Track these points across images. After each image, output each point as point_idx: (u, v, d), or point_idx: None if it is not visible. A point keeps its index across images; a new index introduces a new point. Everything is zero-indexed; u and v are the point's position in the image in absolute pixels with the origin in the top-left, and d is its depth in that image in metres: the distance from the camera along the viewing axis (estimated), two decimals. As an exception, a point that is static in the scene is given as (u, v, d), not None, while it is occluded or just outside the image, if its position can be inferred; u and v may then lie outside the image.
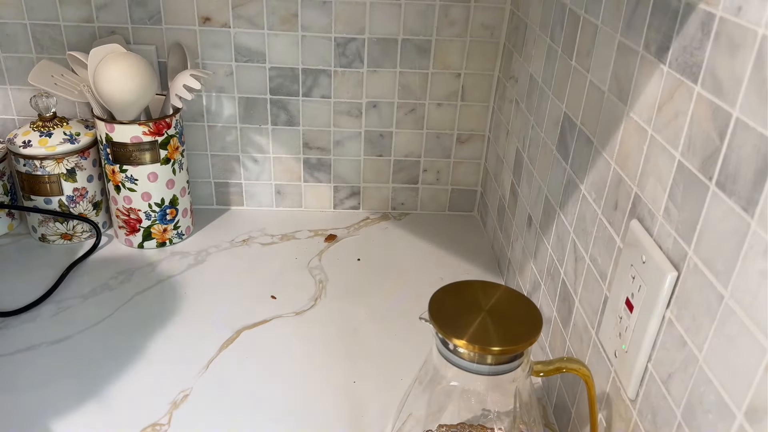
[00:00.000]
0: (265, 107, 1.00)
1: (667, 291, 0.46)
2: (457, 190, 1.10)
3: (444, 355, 0.50)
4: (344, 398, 0.71)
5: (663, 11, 0.48)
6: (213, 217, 1.06)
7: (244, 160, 1.05)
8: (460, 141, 1.05)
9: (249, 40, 0.95)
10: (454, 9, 0.95)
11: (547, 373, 0.52)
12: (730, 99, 0.40)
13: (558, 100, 0.71)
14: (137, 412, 0.68)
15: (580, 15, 0.65)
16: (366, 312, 0.85)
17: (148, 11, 0.93)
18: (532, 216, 0.81)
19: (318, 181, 1.07)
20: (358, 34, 0.95)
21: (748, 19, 0.38)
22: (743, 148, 0.38)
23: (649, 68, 0.50)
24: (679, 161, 0.46)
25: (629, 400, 0.52)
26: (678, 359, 0.45)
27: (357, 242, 1.01)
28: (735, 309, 0.39)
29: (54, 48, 0.95)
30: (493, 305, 0.51)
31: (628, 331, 0.52)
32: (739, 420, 0.38)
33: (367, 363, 0.77)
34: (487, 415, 0.53)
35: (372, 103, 1.01)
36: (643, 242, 0.50)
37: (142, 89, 0.85)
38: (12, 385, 0.71)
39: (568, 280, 0.67)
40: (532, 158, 0.81)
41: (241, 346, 0.78)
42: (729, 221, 0.39)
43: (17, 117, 1.01)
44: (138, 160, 0.88)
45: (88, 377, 0.72)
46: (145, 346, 0.77)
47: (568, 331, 0.67)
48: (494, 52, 0.98)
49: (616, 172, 0.56)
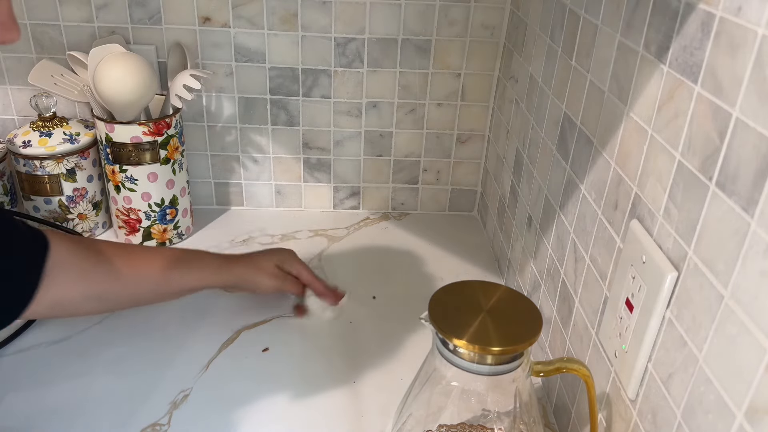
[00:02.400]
0: (265, 107, 1.00)
1: (667, 291, 0.46)
2: (457, 190, 1.10)
3: (444, 355, 0.50)
4: (344, 398, 0.71)
5: (663, 11, 0.48)
6: (213, 217, 1.06)
7: (244, 160, 1.05)
8: (460, 141, 1.05)
9: (249, 40, 0.95)
10: (454, 9, 0.95)
11: (547, 373, 0.52)
12: (730, 99, 0.40)
13: (558, 100, 0.71)
14: (137, 412, 0.68)
15: (580, 15, 0.65)
16: (366, 312, 0.85)
17: (148, 11, 0.93)
18: (532, 216, 0.81)
19: (318, 181, 1.07)
20: (358, 34, 0.95)
21: (748, 19, 0.38)
22: (743, 148, 0.38)
23: (649, 68, 0.50)
24: (679, 161, 0.46)
25: (629, 400, 0.52)
26: (678, 359, 0.45)
27: (357, 242, 1.01)
28: (735, 309, 0.39)
29: (54, 48, 0.95)
30: (493, 305, 0.51)
31: (628, 331, 0.52)
32: (739, 420, 0.38)
33: (367, 363, 0.77)
34: (487, 415, 0.53)
35: (372, 103, 1.01)
36: (643, 242, 0.50)
37: (142, 89, 0.85)
38: (12, 385, 0.71)
39: (568, 280, 0.67)
40: (532, 158, 0.81)
41: (241, 346, 0.78)
42: (729, 221, 0.39)
43: (17, 117, 1.01)
44: (138, 160, 0.88)
45: (88, 377, 0.72)
46: (145, 346, 0.77)
47: (568, 331, 0.67)
48: (494, 52, 0.98)
49: (616, 172, 0.56)
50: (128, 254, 0.72)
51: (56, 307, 0.66)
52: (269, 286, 0.79)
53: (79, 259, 0.67)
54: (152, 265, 0.72)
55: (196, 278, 0.74)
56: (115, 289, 0.70)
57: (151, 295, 0.74)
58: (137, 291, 0.72)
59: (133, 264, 0.71)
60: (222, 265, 0.77)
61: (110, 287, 0.69)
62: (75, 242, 0.69)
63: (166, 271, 0.72)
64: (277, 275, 0.79)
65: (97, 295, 0.69)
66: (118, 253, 0.71)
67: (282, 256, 0.82)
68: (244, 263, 0.79)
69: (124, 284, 0.70)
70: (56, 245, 0.65)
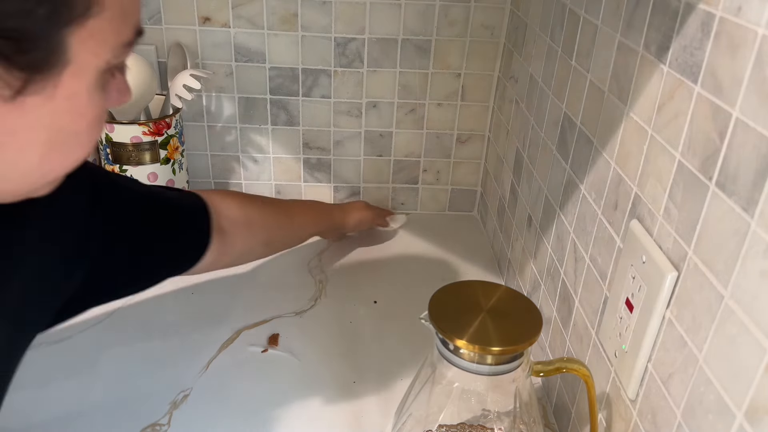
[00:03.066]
0: (265, 107, 1.00)
1: (667, 291, 0.46)
2: (457, 190, 1.10)
3: (444, 355, 0.50)
4: (344, 398, 0.71)
5: (663, 11, 0.48)
6: (213, 217, 1.06)
7: (244, 160, 1.05)
8: (460, 141, 1.05)
9: (249, 40, 0.95)
10: (454, 9, 0.95)
11: (547, 373, 0.52)
12: (730, 99, 0.40)
13: (558, 100, 0.71)
14: (137, 412, 0.68)
15: (580, 15, 0.65)
16: (366, 312, 0.85)
17: (148, 11, 0.93)
18: (532, 216, 0.81)
19: (318, 181, 1.07)
20: (358, 34, 0.95)
21: (748, 19, 0.38)
22: (743, 148, 0.38)
23: (649, 68, 0.50)
24: (679, 161, 0.46)
25: (629, 400, 0.52)
26: (678, 359, 0.45)
27: (357, 242, 1.01)
28: (735, 309, 0.39)
29: (54, 48, 0.95)
30: (493, 305, 0.51)
31: (628, 331, 0.52)
32: (739, 420, 0.38)
33: (367, 363, 0.77)
34: (487, 415, 0.53)
35: (372, 103, 1.01)
36: (643, 242, 0.50)
37: (141, 89, 0.85)
38: (12, 385, 0.71)
39: (568, 280, 0.67)
40: (532, 158, 0.81)
41: (241, 346, 0.78)
42: (729, 221, 0.39)
43: (17, 117, 1.01)
44: (138, 160, 0.88)
45: (88, 377, 0.72)
46: (145, 346, 0.77)
47: (568, 331, 0.67)
48: (494, 52, 0.98)
49: (616, 172, 0.56)
50: (280, 204, 0.86)
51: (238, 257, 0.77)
52: (362, 217, 0.96)
53: (247, 213, 0.76)
54: (298, 212, 0.87)
55: (317, 221, 0.91)
56: (279, 235, 0.83)
57: (296, 239, 0.89)
58: (291, 234, 0.86)
59: (286, 212, 0.85)
60: (329, 210, 0.95)
61: (275, 234, 0.82)
62: (241, 198, 0.77)
63: (304, 215, 0.88)
64: (365, 208, 0.97)
65: (266, 242, 0.80)
66: (275, 204, 0.85)
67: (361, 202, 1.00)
68: (339, 207, 0.97)
69: (283, 231, 0.84)
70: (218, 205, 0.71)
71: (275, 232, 0.81)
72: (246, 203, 0.76)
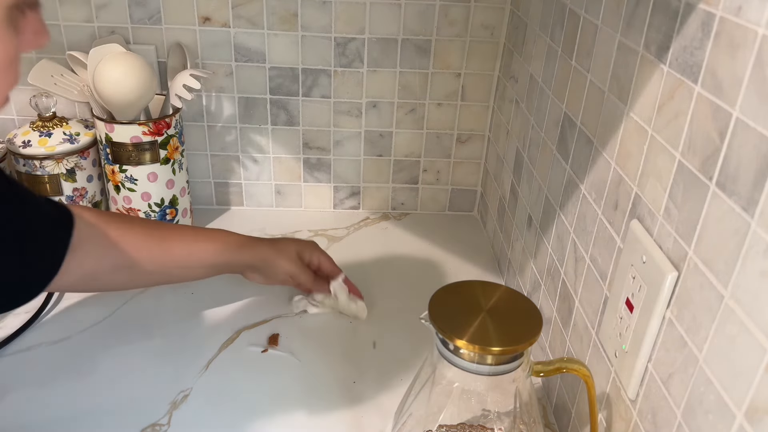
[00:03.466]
0: (265, 107, 1.00)
1: (667, 291, 0.46)
2: (457, 190, 1.10)
3: (444, 355, 0.50)
4: (344, 398, 0.71)
5: (663, 11, 0.48)
6: (213, 217, 1.06)
7: (243, 160, 1.05)
8: (460, 141, 1.05)
9: (249, 40, 0.95)
10: (454, 9, 0.95)
11: (547, 373, 0.52)
12: (730, 99, 0.40)
13: (558, 100, 0.71)
14: (137, 412, 0.68)
15: (580, 15, 0.65)
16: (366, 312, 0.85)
17: (148, 11, 0.93)
18: (532, 216, 0.81)
19: (318, 181, 1.07)
20: (358, 34, 0.95)
21: (748, 19, 0.38)
22: (743, 148, 0.38)
23: (649, 68, 0.50)
24: (679, 161, 0.46)
25: (629, 400, 0.52)
26: (678, 359, 0.45)
27: (357, 242, 1.01)
28: (735, 309, 0.39)
29: (54, 48, 0.95)
30: (493, 305, 0.51)
31: (628, 331, 0.52)
32: (739, 420, 0.38)
33: (367, 363, 0.76)
34: (487, 415, 0.53)
35: (372, 103, 1.01)
36: (643, 242, 0.50)
37: (141, 89, 0.85)
38: (12, 385, 0.71)
39: (568, 280, 0.67)
40: (532, 158, 0.81)
41: (241, 346, 0.78)
42: (729, 221, 0.39)
43: (17, 117, 1.01)
44: (138, 160, 0.88)
45: (88, 377, 0.72)
46: (145, 346, 0.77)
47: (568, 331, 0.67)
48: (494, 52, 0.98)
49: (616, 172, 0.56)
50: (155, 226, 0.74)
51: (87, 278, 0.67)
52: (287, 270, 0.78)
53: (106, 228, 0.67)
54: (177, 237, 0.73)
55: (219, 252, 0.75)
56: (144, 259, 0.70)
57: (178, 270, 0.74)
58: (165, 262, 0.72)
59: (160, 235, 0.72)
60: (245, 243, 0.77)
61: (138, 257, 0.70)
62: (101, 214, 0.70)
63: (190, 243, 0.74)
64: (296, 262, 0.79)
65: (127, 266, 0.69)
66: (146, 225, 0.73)
67: (304, 244, 0.81)
68: (266, 244, 0.79)
69: (151, 255, 0.70)
70: (80, 217, 0.65)
71: (141, 254, 0.70)
72: (103, 218, 0.69)
